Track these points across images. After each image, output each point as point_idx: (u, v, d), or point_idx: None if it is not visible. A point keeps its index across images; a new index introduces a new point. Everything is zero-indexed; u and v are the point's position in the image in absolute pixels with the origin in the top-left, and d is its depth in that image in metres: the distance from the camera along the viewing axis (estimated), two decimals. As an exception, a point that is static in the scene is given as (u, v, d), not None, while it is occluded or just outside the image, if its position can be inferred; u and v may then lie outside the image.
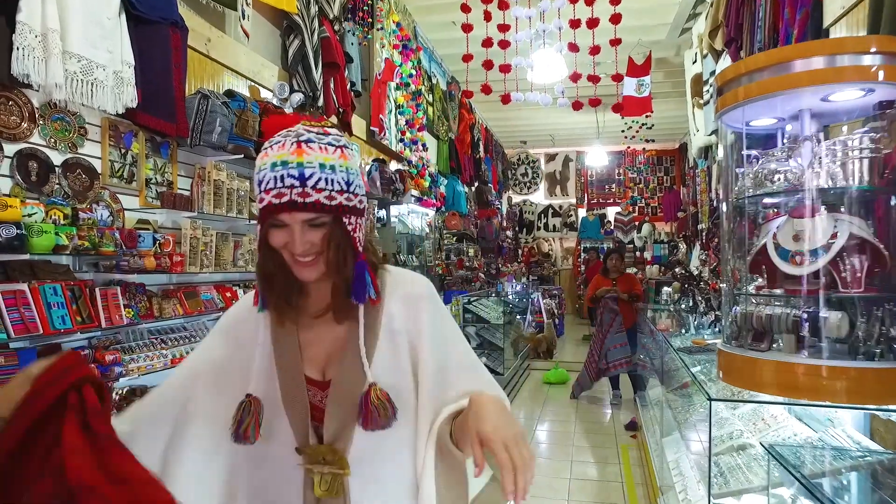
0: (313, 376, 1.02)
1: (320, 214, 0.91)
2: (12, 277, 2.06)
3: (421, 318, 1.01)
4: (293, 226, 0.92)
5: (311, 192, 0.89)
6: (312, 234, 0.93)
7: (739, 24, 3.96)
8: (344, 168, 0.93)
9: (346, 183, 0.93)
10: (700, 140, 6.47)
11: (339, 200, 0.92)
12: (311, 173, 0.89)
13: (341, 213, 0.93)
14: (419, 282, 1.06)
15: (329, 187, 0.91)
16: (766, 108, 1.45)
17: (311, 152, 0.91)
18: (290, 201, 0.89)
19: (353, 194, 0.95)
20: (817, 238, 1.46)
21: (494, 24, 4.53)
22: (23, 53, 2.03)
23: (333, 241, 0.94)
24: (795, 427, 1.94)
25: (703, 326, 3.74)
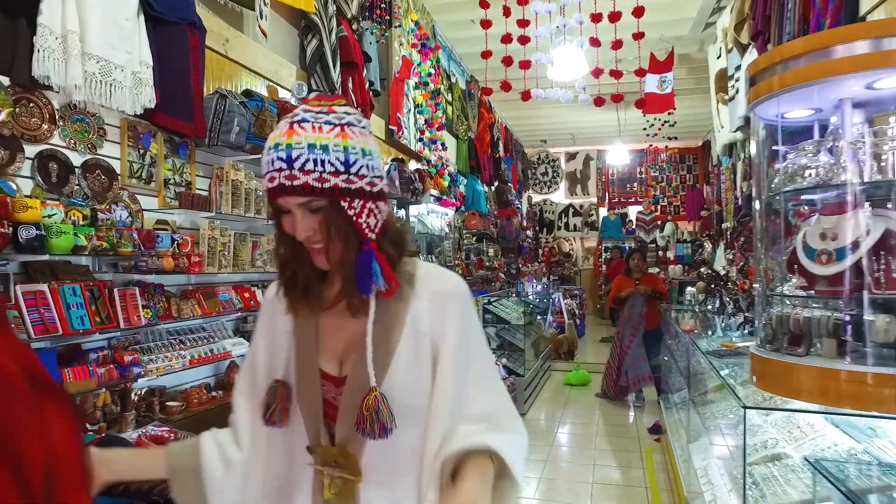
0: (329, 371, 0.97)
1: (312, 198, 0.86)
2: (33, 278, 2.07)
3: (448, 319, 0.95)
4: (294, 211, 0.88)
5: (297, 174, 0.85)
6: (312, 219, 0.88)
7: (767, 15, 3.84)
8: (341, 147, 0.87)
9: (345, 163, 0.87)
10: (725, 137, 6.32)
11: (333, 182, 0.86)
12: (297, 154, 0.85)
13: (338, 195, 0.87)
14: (451, 280, 0.99)
15: (319, 168, 0.85)
16: (803, 98, 1.37)
17: (302, 132, 0.86)
18: (279, 185, 0.86)
19: (356, 175, 0.88)
20: (852, 235, 1.38)
21: (513, 20, 4.46)
22: (43, 55, 2.04)
23: (332, 227, 0.88)
24: (834, 436, 1.83)
25: (731, 328, 3.63)
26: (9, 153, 2.04)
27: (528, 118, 10.11)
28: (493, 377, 0.99)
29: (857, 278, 1.30)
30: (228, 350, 2.93)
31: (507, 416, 0.96)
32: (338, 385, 0.96)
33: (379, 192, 0.92)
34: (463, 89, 7.55)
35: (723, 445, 2.84)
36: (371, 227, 0.91)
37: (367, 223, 0.90)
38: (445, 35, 6.80)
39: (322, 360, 0.98)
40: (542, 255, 12.40)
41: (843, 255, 1.40)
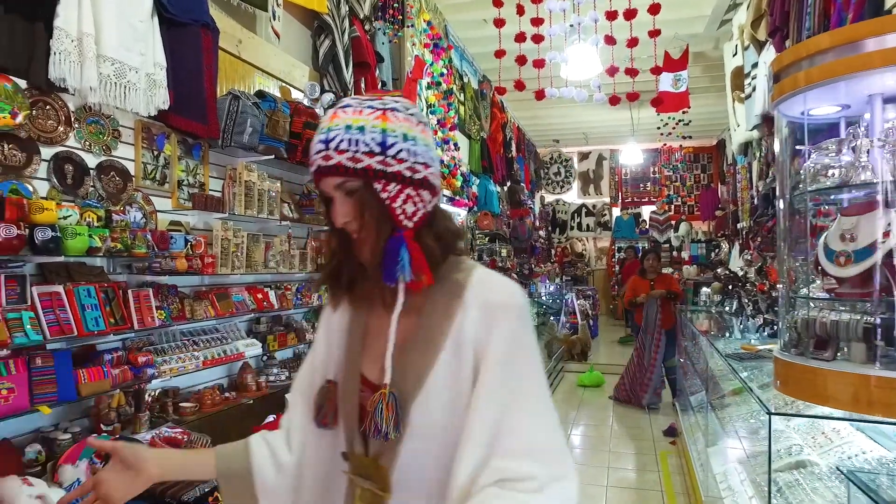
0: (370, 376, 0.93)
1: (345, 178, 0.85)
2: (48, 279, 2.08)
3: (495, 332, 0.86)
4: (334, 195, 0.88)
5: (332, 154, 0.84)
6: (348, 203, 0.87)
7: (786, 11, 3.77)
8: (378, 129, 0.84)
9: (381, 144, 0.84)
10: (741, 135, 6.23)
11: (366, 163, 0.84)
12: (334, 136, 0.84)
13: (371, 177, 0.84)
14: (506, 290, 0.90)
15: (353, 148, 0.83)
16: (829, 94, 1.33)
17: (343, 115, 0.86)
18: (317, 167, 0.86)
19: (393, 158, 0.85)
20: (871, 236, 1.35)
21: (527, 18, 4.42)
22: (59, 58, 2.05)
23: (364, 210, 0.85)
24: (862, 443, 1.78)
25: (749, 330, 3.56)
26: (25, 155, 2.05)
27: (541, 118, 10.06)
28: (541, 405, 0.86)
29: (889, 280, 1.25)
30: (241, 351, 2.93)
31: (554, 456, 0.83)
32: (374, 392, 0.91)
33: (422, 179, 0.87)
34: (475, 89, 7.52)
35: (742, 450, 2.78)
36: (407, 215, 0.87)
37: (402, 209, 0.86)
38: (458, 35, 6.77)
39: (365, 364, 0.95)
40: (555, 255, 12.33)
41: (862, 256, 1.37)
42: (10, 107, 1.93)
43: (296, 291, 3.49)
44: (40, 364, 1.91)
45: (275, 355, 3.31)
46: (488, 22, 5.68)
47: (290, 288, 3.46)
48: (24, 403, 1.82)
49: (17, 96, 1.96)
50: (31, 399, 1.85)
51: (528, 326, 0.90)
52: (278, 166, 3.37)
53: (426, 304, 0.90)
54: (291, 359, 3.55)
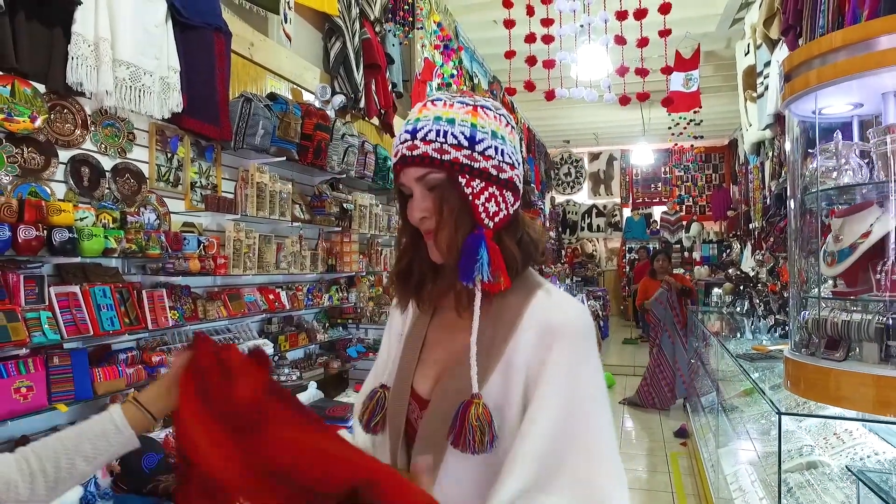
0: (420, 390, 0.90)
1: (430, 169, 0.82)
2: (65, 280, 2.12)
3: (552, 356, 0.80)
4: (414, 190, 0.84)
5: (419, 143, 0.81)
6: (429, 198, 0.84)
7: (799, 9, 3.74)
8: (468, 123, 0.81)
9: (470, 139, 0.81)
10: (753, 135, 6.18)
11: (453, 155, 0.80)
12: (422, 126, 0.82)
13: (457, 171, 0.81)
14: (568, 311, 0.84)
15: (440, 139, 0.81)
16: (841, 93, 1.32)
17: (433, 108, 0.83)
18: (401, 156, 0.83)
19: (480, 154, 0.81)
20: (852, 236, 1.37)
21: (537, 19, 4.42)
22: (77, 63, 2.09)
23: (445, 205, 0.82)
24: (875, 444, 1.76)
25: (760, 331, 3.54)
26: (44, 158, 2.09)
27: (551, 118, 10.03)
28: (601, 438, 0.79)
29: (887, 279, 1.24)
30: (254, 351, 2.96)
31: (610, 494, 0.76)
32: (422, 407, 0.88)
33: (508, 180, 0.84)
34: (486, 90, 7.53)
35: (753, 451, 2.77)
36: (489, 214, 0.83)
37: (484, 207, 0.83)
38: (468, 36, 6.78)
39: (417, 376, 0.91)
40: (565, 256, 12.29)
41: (843, 256, 1.39)
42: (30, 111, 1.97)
43: (307, 292, 3.52)
44: (57, 363, 1.94)
45: (286, 355, 3.34)
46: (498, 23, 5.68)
47: (302, 288, 3.49)
48: (43, 402, 1.85)
49: (36, 100, 2.00)
50: (49, 397, 1.88)
51: (592, 350, 0.83)
52: (290, 168, 3.41)
53: (488, 318, 0.85)
54: (302, 359, 3.58)
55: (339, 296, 3.84)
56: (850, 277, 1.42)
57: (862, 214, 1.38)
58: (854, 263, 1.37)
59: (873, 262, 1.34)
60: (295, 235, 3.44)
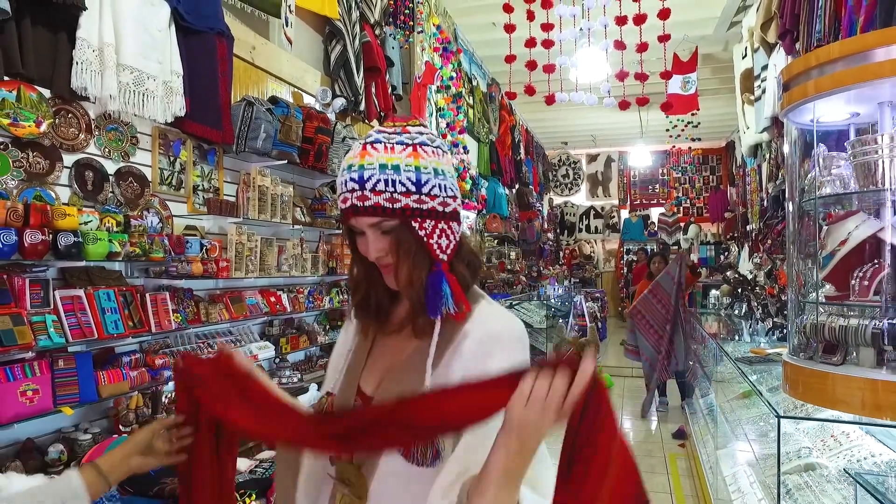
0: (366, 389, 0.97)
1: (383, 218, 0.86)
2: (70, 283, 2.13)
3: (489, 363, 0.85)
4: (367, 231, 0.89)
5: (369, 194, 0.85)
6: (383, 240, 0.88)
7: (796, 13, 3.77)
8: (413, 167, 0.86)
9: (416, 183, 0.86)
10: (750, 138, 6.21)
11: (404, 202, 0.85)
12: (369, 175, 0.85)
13: (409, 216, 0.86)
14: (505, 322, 0.92)
15: (390, 189, 0.85)
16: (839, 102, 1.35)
17: (375, 153, 0.86)
18: (351, 206, 0.86)
19: (427, 195, 0.87)
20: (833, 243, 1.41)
21: (537, 23, 4.45)
22: (81, 67, 2.11)
23: (401, 248, 0.88)
24: (872, 447, 1.79)
25: (758, 333, 3.57)
26: (49, 162, 2.10)
27: (549, 120, 10.07)
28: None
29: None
30: (255, 353, 2.98)
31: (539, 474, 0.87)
32: (366, 404, 0.95)
33: (452, 212, 0.91)
34: (484, 92, 7.55)
35: (751, 453, 2.79)
36: (442, 248, 0.90)
37: (437, 244, 0.89)
38: (467, 38, 6.81)
39: (364, 378, 0.98)
40: (563, 257, 12.32)
41: (826, 261, 1.43)
42: (35, 115, 1.99)
43: (308, 294, 3.53)
44: (63, 366, 1.96)
45: (287, 358, 3.36)
46: (497, 26, 5.71)
47: (303, 291, 3.50)
48: (48, 404, 1.87)
49: (41, 105, 2.01)
50: (55, 400, 1.90)
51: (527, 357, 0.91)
52: (291, 171, 3.42)
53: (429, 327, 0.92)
54: (303, 361, 3.59)
55: (339, 298, 3.86)
56: (839, 282, 1.45)
57: (843, 222, 1.43)
58: (837, 269, 1.42)
59: (842, 267, 1.39)
60: (296, 238, 3.46)
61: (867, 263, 1.38)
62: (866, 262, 1.39)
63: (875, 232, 1.36)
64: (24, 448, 1.91)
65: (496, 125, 7.93)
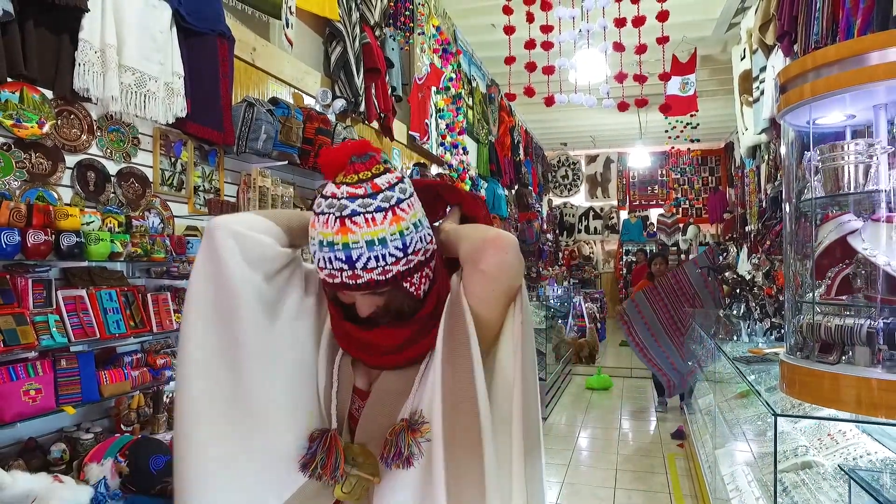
0: (359, 384, 0.98)
1: (376, 288, 0.88)
2: (72, 283, 2.14)
3: None
4: (357, 296, 0.90)
5: (361, 273, 0.85)
6: (376, 299, 0.91)
7: (794, 16, 3.79)
8: (397, 234, 0.85)
9: (402, 249, 0.86)
10: (749, 139, 6.23)
11: (395, 271, 0.86)
12: (358, 255, 0.84)
13: (400, 279, 0.88)
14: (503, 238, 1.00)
15: (381, 263, 0.85)
16: (835, 104, 1.36)
17: (357, 229, 0.83)
18: (341, 283, 0.86)
19: (412, 254, 0.88)
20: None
21: (537, 25, 4.47)
22: (84, 69, 2.12)
23: (394, 305, 0.91)
24: (868, 445, 1.81)
25: (756, 334, 3.58)
26: (51, 163, 2.12)
27: (549, 121, 10.09)
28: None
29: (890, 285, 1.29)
30: (256, 353, 2.99)
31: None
32: (362, 398, 0.97)
33: (430, 254, 0.92)
34: (483, 93, 7.57)
35: (749, 452, 2.81)
36: (424, 290, 0.93)
37: (423, 289, 0.92)
38: (466, 39, 6.83)
39: (356, 375, 1.00)
40: (562, 258, 12.34)
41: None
42: (38, 117, 2.00)
43: (308, 294, 3.54)
44: (65, 366, 1.97)
45: (287, 357, 3.36)
46: (497, 27, 5.73)
47: (303, 291, 3.51)
48: (51, 404, 1.88)
49: (44, 106, 2.03)
50: (57, 399, 1.91)
51: None
52: (291, 171, 3.44)
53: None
54: (303, 361, 3.60)
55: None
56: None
57: (827, 224, 1.46)
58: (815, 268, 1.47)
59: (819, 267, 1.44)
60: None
61: (836, 265, 1.43)
62: (835, 263, 1.44)
63: (843, 235, 1.42)
64: (26, 447, 1.92)
65: (495, 126, 7.95)
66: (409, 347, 0.94)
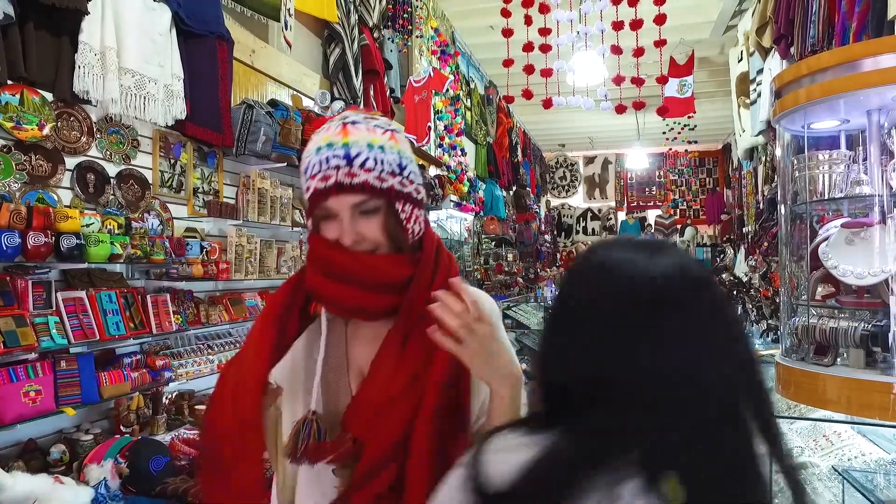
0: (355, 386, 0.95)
1: (370, 197, 0.83)
2: (72, 285, 2.15)
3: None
4: (342, 214, 0.84)
5: (358, 171, 0.82)
6: (362, 223, 0.85)
7: (790, 19, 3.81)
8: (395, 150, 0.86)
9: (399, 166, 0.86)
10: (746, 141, 6.25)
11: (391, 183, 0.84)
12: (357, 152, 0.82)
13: (393, 197, 0.85)
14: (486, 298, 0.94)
15: (379, 167, 0.83)
16: (829, 109, 1.38)
17: (358, 132, 0.84)
18: (336, 183, 0.82)
19: (407, 180, 0.87)
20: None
21: (535, 28, 4.48)
22: (84, 71, 2.13)
23: (388, 230, 0.85)
24: (862, 446, 1.82)
25: (753, 335, 3.60)
26: (51, 165, 2.12)
27: (547, 122, 10.10)
28: None
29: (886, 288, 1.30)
30: (255, 355, 2.99)
31: None
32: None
33: (422, 200, 0.91)
34: (481, 95, 7.59)
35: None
36: (414, 234, 0.90)
37: (412, 229, 0.89)
38: (464, 41, 6.84)
39: (352, 375, 0.96)
40: (560, 259, 12.35)
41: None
42: (38, 119, 2.01)
43: (306, 296, 3.55)
44: (65, 367, 1.98)
45: (286, 359, 3.37)
46: (495, 29, 5.73)
47: (301, 292, 3.52)
48: (51, 405, 1.89)
49: (44, 109, 2.03)
50: (57, 401, 1.91)
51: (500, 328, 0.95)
52: (290, 173, 3.44)
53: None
54: (302, 362, 3.60)
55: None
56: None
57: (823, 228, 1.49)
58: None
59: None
60: (295, 240, 3.48)
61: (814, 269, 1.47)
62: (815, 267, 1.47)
63: (820, 240, 1.45)
64: (25, 448, 1.93)
65: (493, 127, 7.96)
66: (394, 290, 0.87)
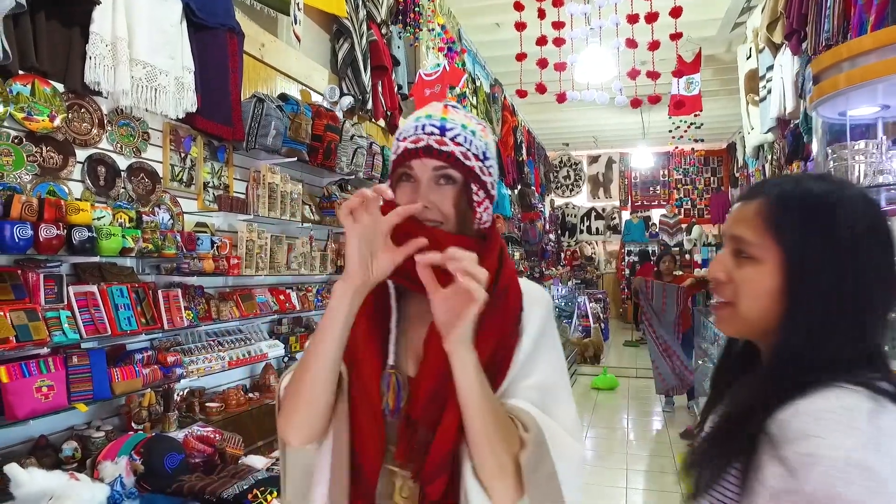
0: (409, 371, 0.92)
1: (452, 166, 0.88)
2: (83, 279, 2.11)
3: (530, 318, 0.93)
4: (422, 178, 0.89)
5: (447, 141, 0.88)
6: (437, 191, 0.89)
7: (803, 13, 3.77)
8: (484, 141, 0.93)
9: (484, 154, 0.92)
10: (755, 138, 6.21)
11: (473, 164, 0.90)
12: (451, 127, 0.89)
13: (472, 178, 0.90)
14: (539, 289, 1.00)
15: (467, 146, 0.90)
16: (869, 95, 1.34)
17: (456, 114, 0.92)
18: (426, 146, 0.88)
19: (487, 169, 0.92)
20: None
21: (546, 22, 4.44)
22: (95, 62, 2.09)
23: (460, 204, 0.89)
24: None
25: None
26: (62, 157, 2.08)
27: (551, 121, 10.06)
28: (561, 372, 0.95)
29: None
30: (265, 352, 2.96)
31: (561, 399, 0.92)
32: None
33: (493, 196, 0.95)
34: (487, 92, 7.54)
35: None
36: (481, 222, 0.94)
37: (481, 215, 0.93)
38: (470, 38, 6.80)
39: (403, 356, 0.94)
40: (565, 258, 12.31)
41: None
42: (49, 110, 1.97)
43: (316, 293, 3.51)
44: (76, 363, 1.94)
45: (296, 356, 3.33)
46: (500, 27, 5.70)
47: (311, 289, 3.49)
48: (63, 401, 1.85)
49: (55, 100, 1.99)
50: (69, 397, 1.88)
51: (553, 318, 0.99)
52: (299, 168, 3.41)
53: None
54: (311, 360, 3.57)
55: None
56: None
57: None
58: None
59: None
60: (305, 236, 3.44)
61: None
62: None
63: None
64: (37, 445, 1.89)
65: (499, 126, 7.92)
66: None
